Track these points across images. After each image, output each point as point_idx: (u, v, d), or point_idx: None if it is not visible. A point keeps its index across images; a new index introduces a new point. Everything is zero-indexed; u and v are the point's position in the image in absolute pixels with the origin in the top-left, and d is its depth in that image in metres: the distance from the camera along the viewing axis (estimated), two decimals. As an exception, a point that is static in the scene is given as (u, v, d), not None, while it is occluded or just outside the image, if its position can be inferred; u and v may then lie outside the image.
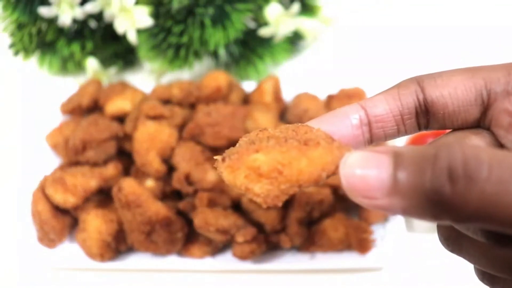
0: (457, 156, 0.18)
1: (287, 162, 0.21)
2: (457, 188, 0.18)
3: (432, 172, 0.18)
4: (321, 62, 0.83)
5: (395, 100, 0.26)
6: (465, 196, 0.18)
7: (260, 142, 0.23)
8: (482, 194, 0.18)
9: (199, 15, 0.66)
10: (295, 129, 0.24)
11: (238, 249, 0.53)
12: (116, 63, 0.81)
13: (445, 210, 0.18)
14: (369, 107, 0.26)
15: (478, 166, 0.18)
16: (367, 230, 0.55)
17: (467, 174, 0.18)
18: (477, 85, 0.25)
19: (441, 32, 0.86)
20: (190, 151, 0.59)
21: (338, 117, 0.26)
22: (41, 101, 0.77)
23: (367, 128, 0.26)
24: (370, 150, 0.21)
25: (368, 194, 0.20)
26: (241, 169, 0.22)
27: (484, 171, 0.18)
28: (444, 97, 0.25)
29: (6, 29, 0.72)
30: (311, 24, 0.77)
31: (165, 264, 0.56)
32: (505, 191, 0.17)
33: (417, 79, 0.26)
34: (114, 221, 0.56)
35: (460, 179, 0.18)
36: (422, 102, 0.26)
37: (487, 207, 0.18)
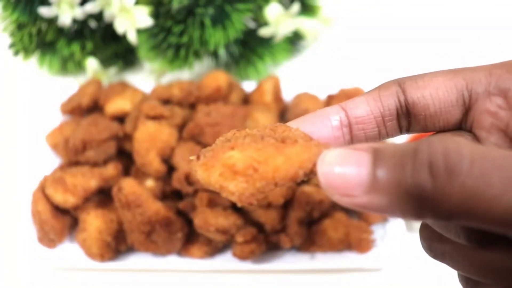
0: (438, 150, 0.18)
1: (262, 159, 0.21)
2: (438, 183, 0.17)
3: (413, 167, 0.18)
4: (321, 62, 0.83)
5: (376, 102, 0.26)
6: (446, 191, 0.17)
7: (236, 140, 0.22)
8: (464, 188, 0.17)
9: (199, 15, 0.66)
10: (273, 128, 0.24)
11: (238, 249, 0.53)
12: (116, 63, 0.81)
13: (426, 206, 0.18)
14: (350, 108, 0.26)
15: (460, 160, 0.17)
16: (367, 230, 0.55)
17: (448, 168, 0.17)
18: (458, 86, 0.24)
19: (441, 32, 0.86)
20: (190, 151, 0.59)
21: (318, 118, 0.26)
22: (41, 101, 0.77)
23: (347, 130, 0.26)
24: (349, 147, 0.20)
25: (346, 192, 0.19)
26: (215, 167, 0.21)
27: (465, 164, 0.17)
28: (425, 98, 0.25)
29: (6, 29, 0.72)
30: (311, 24, 0.77)
31: (165, 264, 0.56)
32: (486, 184, 0.17)
33: (398, 80, 0.26)
34: (114, 221, 0.56)
35: (441, 173, 0.17)
36: (403, 104, 0.25)
37: (469, 201, 0.17)
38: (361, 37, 0.86)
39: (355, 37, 0.86)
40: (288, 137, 0.23)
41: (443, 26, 0.87)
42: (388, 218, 0.58)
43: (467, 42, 0.84)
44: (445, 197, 0.18)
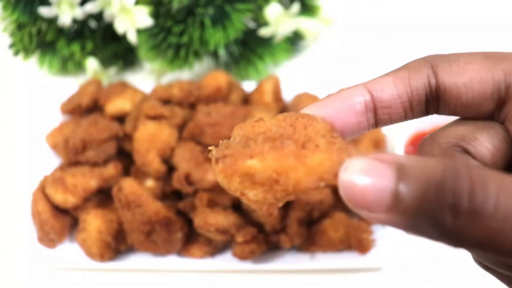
0: (463, 183, 0.17)
1: (283, 171, 0.20)
2: (460, 221, 0.17)
3: (436, 201, 0.18)
4: (321, 62, 0.83)
5: (405, 85, 0.24)
6: (467, 230, 0.17)
7: (255, 144, 0.22)
8: (486, 229, 0.17)
9: (199, 15, 0.66)
10: (293, 124, 0.23)
11: (238, 249, 0.53)
12: (116, 63, 0.81)
13: (445, 236, 0.18)
14: (376, 91, 0.24)
15: (484, 199, 0.17)
16: (367, 230, 0.55)
17: (471, 208, 0.17)
18: (496, 78, 0.23)
19: (442, 32, 0.86)
20: (190, 151, 0.59)
21: (341, 102, 0.24)
22: (41, 101, 0.77)
23: (372, 114, 0.24)
24: (372, 158, 0.19)
25: (366, 207, 0.19)
26: (235, 175, 0.21)
27: (490, 205, 0.17)
28: (459, 87, 0.23)
29: (6, 29, 0.72)
30: (311, 24, 0.77)
31: (165, 264, 0.56)
32: (510, 228, 0.17)
33: (430, 61, 0.24)
34: (114, 221, 0.56)
35: (463, 213, 0.17)
36: (433, 89, 0.24)
37: (490, 241, 0.17)
38: (361, 37, 0.86)
39: (355, 37, 0.86)
40: (310, 139, 0.22)
41: (443, 26, 0.87)
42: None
43: (467, 43, 0.84)
44: (465, 234, 0.17)
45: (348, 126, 0.24)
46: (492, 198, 0.17)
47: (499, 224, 0.17)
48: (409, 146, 0.63)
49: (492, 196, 0.17)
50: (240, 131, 0.23)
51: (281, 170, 0.20)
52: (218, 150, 0.23)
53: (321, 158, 0.21)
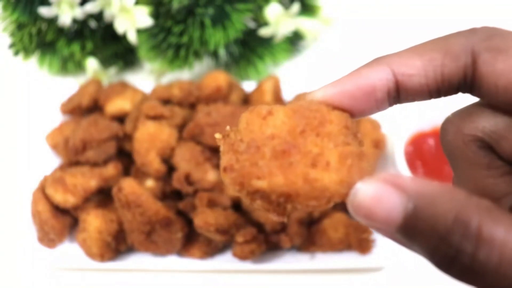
0: (468, 245, 0.17)
1: (290, 196, 0.20)
2: (459, 272, 0.18)
3: (439, 251, 0.18)
4: (321, 62, 0.83)
5: (436, 73, 0.21)
6: (464, 279, 0.18)
7: (262, 160, 0.21)
8: (483, 284, 0.17)
9: (199, 15, 0.66)
10: (304, 128, 0.21)
11: (238, 249, 0.53)
12: (116, 63, 0.81)
13: (445, 272, 0.18)
14: (402, 75, 0.21)
15: (487, 260, 0.17)
16: (367, 230, 0.55)
17: (473, 266, 0.17)
18: None
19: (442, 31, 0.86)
20: (190, 151, 0.59)
21: (361, 90, 0.22)
22: (41, 101, 0.77)
23: (393, 100, 0.22)
24: (384, 183, 0.19)
25: (375, 228, 0.19)
26: (244, 190, 0.21)
27: (491, 267, 0.17)
28: (498, 88, 0.20)
29: (6, 29, 0.72)
30: (311, 24, 0.77)
31: (165, 264, 0.56)
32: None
33: (472, 46, 0.20)
34: (114, 221, 0.56)
35: (464, 269, 0.17)
36: (468, 81, 0.21)
37: (497, 284, 0.17)
38: (361, 37, 0.86)
39: (355, 37, 0.86)
40: (321, 151, 0.21)
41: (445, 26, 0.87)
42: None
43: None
44: (461, 280, 0.18)
45: (366, 111, 0.23)
46: (494, 261, 0.17)
47: (497, 283, 0.17)
48: (409, 146, 0.63)
49: (495, 258, 0.17)
50: (246, 125, 0.22)
51: (289, 195, 0.20)
52: (224, 151, 0.22)
53: (330, 182, 0.20)
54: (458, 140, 0.23)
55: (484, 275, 0.17)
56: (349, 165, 0.20)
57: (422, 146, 0.63)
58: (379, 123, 0.63)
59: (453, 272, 0.18)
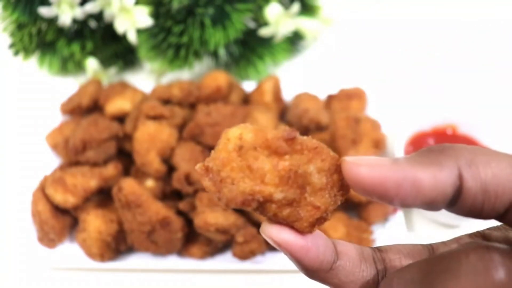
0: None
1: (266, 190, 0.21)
2: None
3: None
4: (321, 62, 0.83)
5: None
6: None
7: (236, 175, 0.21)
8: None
9: (199, 15, 0.66)
10: (300, 188, 0.22)
11: (238, 249, 0.53)
12: (116, 63, 0.81)
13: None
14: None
15: None
16: (367, 230, 0.55)
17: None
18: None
19: (442, 32, 0.86)
20: (190, 151, 0.59)
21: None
22: (41, 101, 0.77)
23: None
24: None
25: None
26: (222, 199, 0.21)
27: None
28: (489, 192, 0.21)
29: (6, 29, 0.72)
30: (311, 24, 0.77)
31: (165, 264, 0.56)
32: None
33: (459, 165, 0.21)
34: (114, 221, 0.56)
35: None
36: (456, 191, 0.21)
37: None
38: (361, 37, 0.86)
39: (355, 37, 0.86)
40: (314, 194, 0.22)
41: (442, 27, 0.87)
42: (389, 217, 0.58)
43: (467, 43, 0.84)
44: None
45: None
46: None
47: None
48: (409, 146, 0.63)
49: None
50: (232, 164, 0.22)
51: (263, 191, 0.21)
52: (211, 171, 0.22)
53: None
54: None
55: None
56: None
57: (422, 146, 0.63)
58: (379, 123, 0.63)
59: None
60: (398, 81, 0.77)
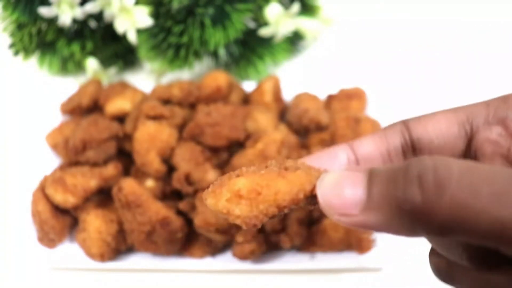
0: (428, 165, 0.18)
1: (265, 184, 0.22)
2: (428, 196, 0.18)
3: (404, 182, 0.19)
4: (321, 62, 0.83)
5: (382, 140, 0.27)
6: (436, 203, 0.18)
7: (241, 171, 0.24)
8: (452, 200, 0.17)
9: (199, 15, 0.66)
10: (281, 162, 0.25)
11: (238, 249, 0.53)
12: (116, 63, 0.81)
13: (418, 220, 0.18)
14: (357, 146, 0.27)
15: (449, 173, 0.18)
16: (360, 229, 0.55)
17: (437, 181, 0.18)
18: (459, 119, 0.25)
19: (443, 32, 0.86)
20: (190, 151, 0.59)
21: (326, 156, 0.27)
22: (41, 101, 0.77)
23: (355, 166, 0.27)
24: (346, 169, 0.21)
25: (344, 211, 0.20)
26: (223, 193, 0.23)
27: (454, 177, 0.18)
28: (429, 133, 0.26)
29: (6, 29, 0.72)
30: (311, 24, 0.77)
31: (165, 264, 0.56)
32: (475, 196, 0.17)
33: (403, 120, 0.27)
34: (114, 221, 0.56)
35: (430, 187, 0.18)
36: (408, 140, 0.26)
37: (458, 213, 0.17)
38: (361, 37, 0.86)
39: (355, 37, 0.86)
40: (291, 166, 0.24)
41: (443, 27, 0.87)
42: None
43: (467, 44, 0.84)
44: (435, 210, 0.18)
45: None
46: (456, 171, 0.18)
47: (465, 193, 0.17)
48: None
49: (455, 169, 0.18)
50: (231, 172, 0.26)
51: (263, 183, 0.22)
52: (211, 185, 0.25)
53: (300, 173, 0.23)
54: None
55: (450, 186, 0.18)
56: (316, 169, 0.24)
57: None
58: (379, 123, 0.63)
59: (424, 206, 0.18)
60: (398, 81, 0.77)
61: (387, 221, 0.19)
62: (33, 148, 0.68)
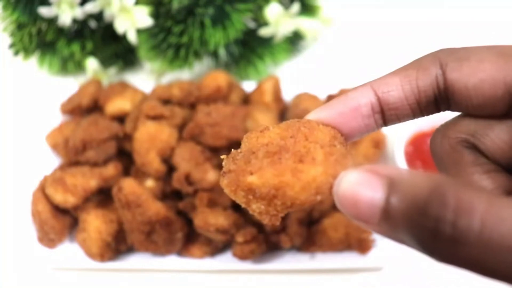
0: (448, 209, 0.17)
1: (280, 187, 0.22)
2: (441, 246, 0.17)
3: (419, 223, 0.18)
4: (321, 62, 0.83)
5: (412, 86, 0.23)
6: (449, 254, 0.17)
7: (255, 159, 0.23)
8: (468, 256, 0.17)
9: (199, 15, 0.66)
10: (295, 134, 0.23)
11: (238, 249, 0.53)
12: (116, 63, 0.81)
13: (429, 255, 0.18)
14: (383, 92, 0.24)
15: (468, 228, 0.16)
16: (367, 230, 0.55)
17: (454, 235, 0.17)
18: (508, 80, 0.21)
19: (442, 31, 0.86)
20: (190, 151, 0.59)
21: (347, 106, 0.24)
22: (41, 101, 0.77)
23: (379, 116, 0.24)
24: (365, 171, 0.20)
25: (360, 218, 0.20)
26: (239, 190, 0.22)
27: (473, 235, 0.16)
28: (468, 90, 0.22)
29: (6, 29, 0.72)
30: (311, 24, 0.77)
31: (165, 264, 0.56)
32: (493, 259, 0.16)
33: (440, 59, 0.23)
34: (114, 221, 0.56)
35: (445, 240, 0.17)
36: (442, 89, 0.23)
37: (473, 267, 0.17)
38: (361, 37, 0.86)
39: (355, 37, 0.86)
40: (308, 151, 0.22)
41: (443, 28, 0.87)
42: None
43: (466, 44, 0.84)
44: (447, 258, 0.18)
45: (355, 129, 0.25)
46: (476, 228, 0.16)
47: (481, 253, 0.17)
48: (409, 146, 0.63)
49: (476, 225, 0.16)
50: (246, 141, 0.25)
51: (278, 187, 0.22)
52: (226, 162, 0.24)
53: (316, 173, 0.22)
54: (445, 144, 0.24)
55: (466, 245, 0.17)
56: (334, 160, 0.22)
57: (422, 146, 0.63)
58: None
59: (438, 250, 0.17)
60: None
61: (401, 240, 0.19)
62: (33, 148, 0.68)
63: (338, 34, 0.86)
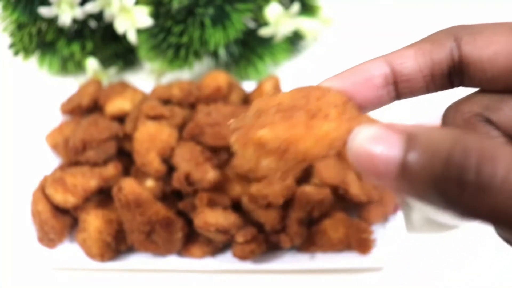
0: (471, 160, 0.17)
1: (292, 141, 0.21)
2: (466, 196, 0.17)
3: (443, 173, 0.17)
4: (321, 62, 0.83)
5: (426, 59, 0.23)
6: (474, 204, 0.17)
7: (266, 116, 0.22)
8: (493, 205, 0.17)
9: (199, 15, 0.66)
10: (307, 95, 0.23)
11: (238, 249, 0.53)
12: (116, 63, 0.81)
13: (453, 208, 0.18)
14: (397, 64, 0.24)
15: (492, 174, 0.16)
16: (367, 230, 0.55)
17: (478, 183, 0.17)
18: None
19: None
20: (190, 151, 0.59)
21: (359, 76, 0.24)
22: (41, 101, 0.77)
23: (392, 87, 0.24)
24: (382, 127, 0.19)
25: (375, 174, 0.19)
26: (248, 144, 0.22)
27: (497, 181, 0.16)
28: (483, 62, 0.22)
29: (6, 29, 0.72)
30: (311, 24, 0.77)
31: (165, 264, 0.56)
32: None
33: (454, 33, 0.23)
34: (114, 221, 0.56)
35: (469, 188, 0.17)
36: (456, 62, 0.23)
37: (497, 216, 0.17)
38: (361, 37, 0.86)
39: (355, 37, 0.86)
40: (321, 109, 0.22)
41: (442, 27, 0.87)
42: (389, 217, 0.58)
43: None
44: (472, 209, 0.17)
45: (368, 99, 0.24)
46: (500, 174, 0.16)
47: (506, 200, 0.16)
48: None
49: (501, 172, 0.16)
50: (255, 104, 0.24)
51: (290, 140, 0.21)
52: (234, 122, 0.23)
53: (330, 127, 0.21)
54: (458, 119, 0.24)
55: (491, 192, 0.16)
56: (348, 117, 0.22)
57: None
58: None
59: (462, 201, 0.17)
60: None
61: (419, 195, 0.18)
62: (33, 148, 0.68)
63: (338, 34, 0.86)
